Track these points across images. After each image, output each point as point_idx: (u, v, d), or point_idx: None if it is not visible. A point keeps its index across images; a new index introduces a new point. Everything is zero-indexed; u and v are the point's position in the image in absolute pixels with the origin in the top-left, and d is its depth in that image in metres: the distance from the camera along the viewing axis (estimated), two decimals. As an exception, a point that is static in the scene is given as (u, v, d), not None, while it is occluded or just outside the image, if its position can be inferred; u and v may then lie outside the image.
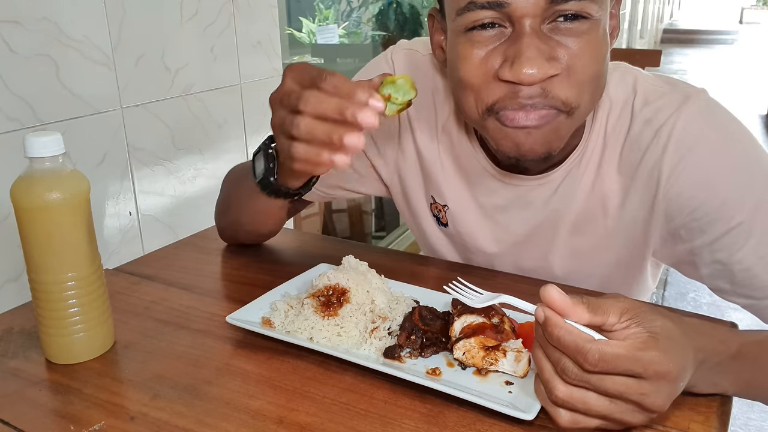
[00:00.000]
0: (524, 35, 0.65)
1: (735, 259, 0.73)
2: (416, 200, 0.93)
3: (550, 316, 0.52)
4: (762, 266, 0.72)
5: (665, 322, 0.52)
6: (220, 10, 1.49)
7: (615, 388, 0.50)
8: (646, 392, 0.50)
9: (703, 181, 0.72)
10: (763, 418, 2.18)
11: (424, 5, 3.46)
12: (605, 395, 0.51)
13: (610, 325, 0.52)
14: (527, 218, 0.85)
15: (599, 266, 0.85)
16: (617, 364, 0.49)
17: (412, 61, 0.90)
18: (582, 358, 0.49)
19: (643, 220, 0.78)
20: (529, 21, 0.64)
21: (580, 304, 0.52)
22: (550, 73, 0.65)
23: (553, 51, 0.65)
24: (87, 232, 0.65)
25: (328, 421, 0.58)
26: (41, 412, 0.61)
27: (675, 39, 13.57)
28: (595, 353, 0.49)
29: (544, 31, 0.65)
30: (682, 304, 2.89)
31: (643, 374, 0.49)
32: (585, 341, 0.50)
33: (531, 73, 0.64)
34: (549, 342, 0.52)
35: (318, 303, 0.70)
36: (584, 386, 0.51)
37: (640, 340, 0.50)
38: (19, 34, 1.06)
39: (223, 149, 1.56)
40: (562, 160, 0.80)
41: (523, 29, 0.65)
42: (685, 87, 0.77)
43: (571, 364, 0.50)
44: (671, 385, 0.51)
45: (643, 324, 0.51)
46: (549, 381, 0.52)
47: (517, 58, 0.64)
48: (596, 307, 0.52)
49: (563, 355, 0.51)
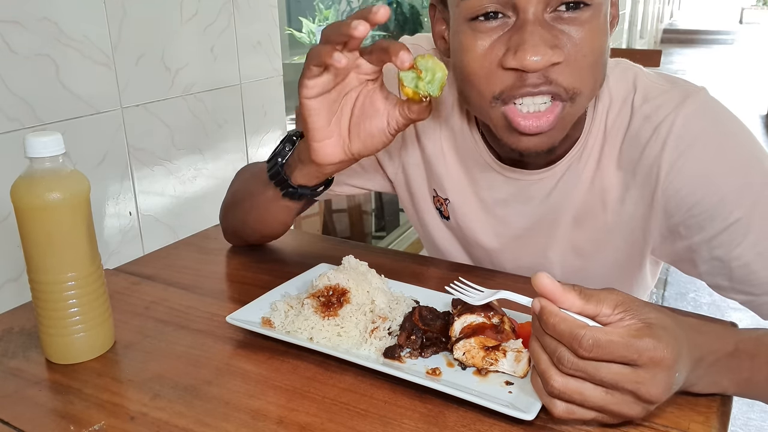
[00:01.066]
0: (527, 23, 0.65)
1: (733, 255, 0.73)
2: (419, 194, 0.94)
3: (545, 305, 0.52)
4: (760, 262, 0.72)
5: (659, 315, 0.53)
6: (220, 10, 1.49)
7: (610, 376, 0.50)
8: (641, 380, 0.50)
9: (702, 178, 0.73)
10: (763, 418, 2.18)
11: (424, 5, 3.46)
12: (601, 385, 0.51)
13: (604, 315, 0.53)
14: (527, 212, 0.85)
15: (599, 262, 0.85)
16: (612, 349, 0.50)
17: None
18: (577, 344, 0.50)
19: (642, 217, 0.78)
20: (532, 9, 0.65)
21: (571, 291, 0.53)
22: (553, 60, 0.66)
23: (557, 39, 0.66)
24: (87, 232, 0.65)
25: (328, 421, 0.58)
26: (41, 412, 0.61)
27: (675, 39, 13.56)
28: (589, 339, 0.50)
29: (546, 20, 0.66)
30: (682, 304, 2.89)
31: (638, 361, 0.50)
32: (579, 327, 0.50)
33: (535, 60, 0.65)
34: (545, 331, 0.52)
35: (318, 303, 0.70)
36: (580, 376, 0.51)
37: (635, 328, 0.51)
38: (19, 34, 1.06)
39: (223, 149, 1.56)
40: (563, 154, 0.81)
41: (526, 17, 0.65)
42: (685, 85, 0.77)
43: (567, 352, 0.51)
44: (666, 373, 0.51)
45: (638, 316, 0.52)
46: (545, 372, 0.53)
47: (521, 46, 0.65)
48: (589, 296, 0.53)
49: (559, 344, 0.52)
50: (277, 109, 1.74)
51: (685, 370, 0.54)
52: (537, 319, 0.54)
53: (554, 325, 0.51)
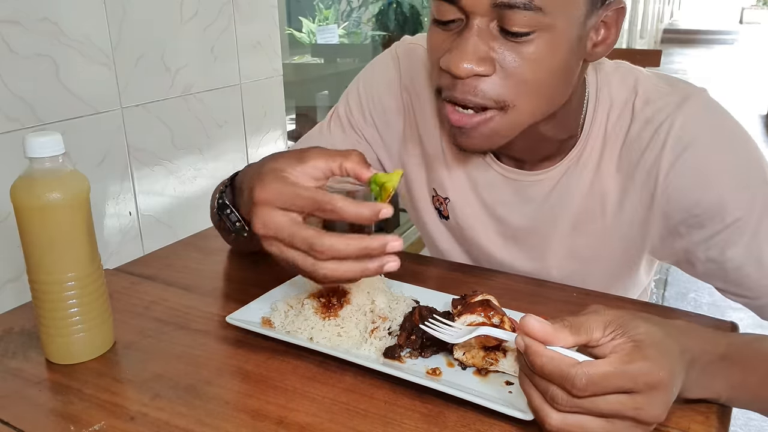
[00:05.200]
0: (467, 30, 0.66)
1: (727, 256, 0.73)
2: (419, 193, 0.94)
3: (530, 344, 0.51)
4: (754, 266, 0.72)
5: (648, 327, 0.52)
6: (220, 11, 1.49)
7: (609, 407, 0.49)
8: (640, 406, 0.49)
9: (700, 178, 0.73)
10: (764, 418, 2.17)
11: (424, 5, 3.46)
12: (600, 416, 0.50)
13: (596, 340, 0.52)
14: (527, 213, 0.85)
15: (596, 265, 0.85)
16: (607, 383, 0.48)
17: (416, 55, 0.91)
18: (569, 385, 0.48)
19: (641, 220, 0.78)
20: (477, 21, 0.65)
21: (562, 329, 0.51)
22: (477, 72, 0.66)
23: (491, 52, 0.66)
24: (87, 232, 0.65)
25: (328, 421, 0.58)
26: (41, 412, 0.61)
27: (675, 39, 13.57)
28: (582, 377, 0.48)
29: (492, 32, 0.66)
30: (682, 304, 2.89)
31: (635, 388, 0.49)
32: (569, 366, 0.49)
33: (461, 66, 0.66)
34: (533, 371, 0.51)
35: (318, 304, 0.70)
36: (578, 411, 0.50)
37: (625, 352, 0.50)
38: (19, 34, 1.06)
39: (223, 149, 1.56)
40: (559, 156, 0.81)
41: (470, 24, 0.66)
42: (685, 87, 0.77)
43: (560, 391, 0.49)
44: (664, 394, 0.50)
45: (628, 333, 0.51)
46: (539, 409, 0.51)
47: (453, 50, 0.66)
48: (578, 327, 0.52)
49: (550, 384, 0.50)
50: (276, 109, 1.74)
51: (680, 381, 0.53)
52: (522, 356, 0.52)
53: (542, 365, 0.50)
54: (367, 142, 0.96)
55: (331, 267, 0.58)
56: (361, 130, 0.95)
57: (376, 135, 0.95)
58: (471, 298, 0.68)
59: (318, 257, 0.58)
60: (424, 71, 0.90)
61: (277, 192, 0.59)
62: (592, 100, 0.79)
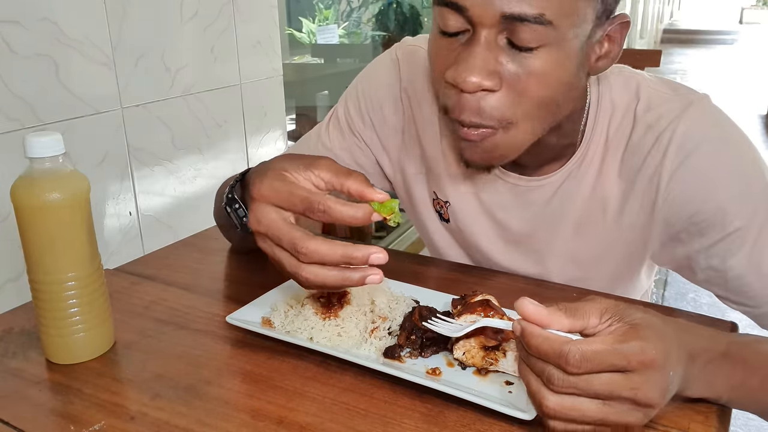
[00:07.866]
0: (474, 42, 0.65)
1: (728, 265, 0.73)
2: (419, 196, 0.94)
3: (525, 327, 0.51)
4: (754, 275, 0.72)
5: (645, 315, 0.52)
6: (220, 11, 1.49)
7: (603, 387, 0.49)
8: (636, 386, 0.49)
9: (702, 186, 0.72)
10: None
11: (424, 5, 3.46)
12: (596, 398, 0.50)
13: (592, 326, 0.52)
14: (528, 218, 0.85)
15: (597, 271, 0.85)
16: (600, 360, 0.49)
17: (415, 58, 0.90)
18: (564, 361, 0.49)
19: (642, 226, 0.78)
20: (485, 32, 0.64)
21: (556, 311, 0.52)
22: (486, 85, 0.65)
23: (498, 66, 0.65)
24: (87, 232, 0.65)
25: (328, 421, 0.58)
26: (41, 412, 0.61)
27: (675, 39, 13.57)
28: (576, 353, 0.48)
29: (500, 45, 0.65)
30: (682, 304, 2.89)
31: (628, 366, 0.49)
32: (563, 344, 0.49)
33: (469, 80, 0.64)
34: (530, 353, 0.51)
35: (318, 305, 0.70)
36: (573, 392, 0.50)
37: (620, 332, 0.50)
38: (19, 34, 1.06)
39: (223, 149, 1.56)
40: (561, 162, 0.81)
41: (477, 37, 0.65)
42: (688, 92, 0.77)
43: (556, 370, 0.50)
44: (660, 374, 0.50)
45: (624, 318, 0.51)
46: (537, 393, 0.51)
47: (460, 63, 0.65)
48: (574, 311, 0.52)
49: (546, 364, 0.50)
50: (277, 109, 1.74)
51: (679, 368, 0.53)
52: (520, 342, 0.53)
53: (537, 345, 0.50)
54: (366, 145, 0.95)
55: (313, 271, 0.58)
56: (360, 134, 0.95)
57: (375, 138, 0.94)
58: (471, 298, 0.68)
59: (301, 259, 0.58)
60: (424, 74, 0.89)
61: (274, 189, 0.60)
62: (594, 105, 0.78)
